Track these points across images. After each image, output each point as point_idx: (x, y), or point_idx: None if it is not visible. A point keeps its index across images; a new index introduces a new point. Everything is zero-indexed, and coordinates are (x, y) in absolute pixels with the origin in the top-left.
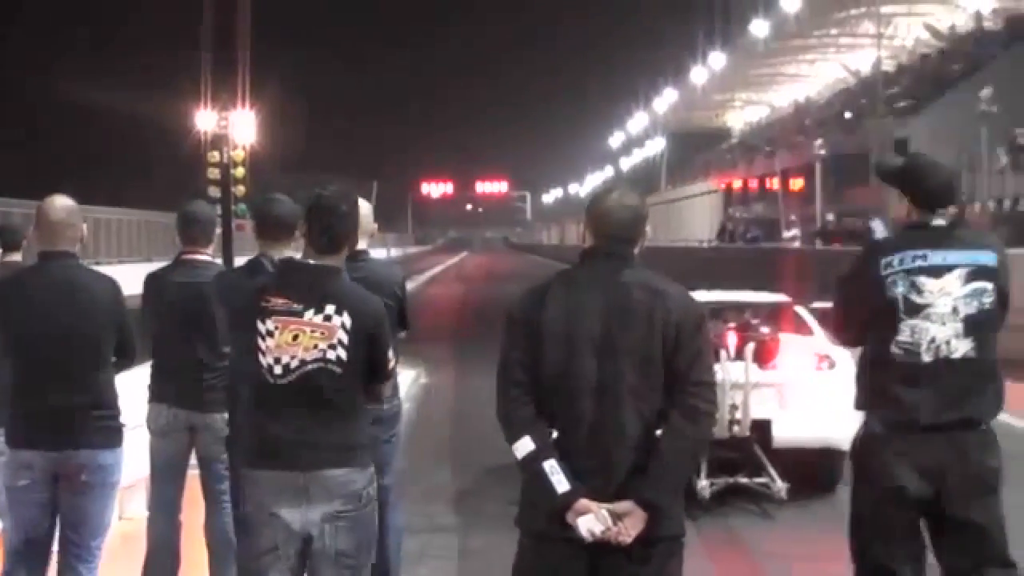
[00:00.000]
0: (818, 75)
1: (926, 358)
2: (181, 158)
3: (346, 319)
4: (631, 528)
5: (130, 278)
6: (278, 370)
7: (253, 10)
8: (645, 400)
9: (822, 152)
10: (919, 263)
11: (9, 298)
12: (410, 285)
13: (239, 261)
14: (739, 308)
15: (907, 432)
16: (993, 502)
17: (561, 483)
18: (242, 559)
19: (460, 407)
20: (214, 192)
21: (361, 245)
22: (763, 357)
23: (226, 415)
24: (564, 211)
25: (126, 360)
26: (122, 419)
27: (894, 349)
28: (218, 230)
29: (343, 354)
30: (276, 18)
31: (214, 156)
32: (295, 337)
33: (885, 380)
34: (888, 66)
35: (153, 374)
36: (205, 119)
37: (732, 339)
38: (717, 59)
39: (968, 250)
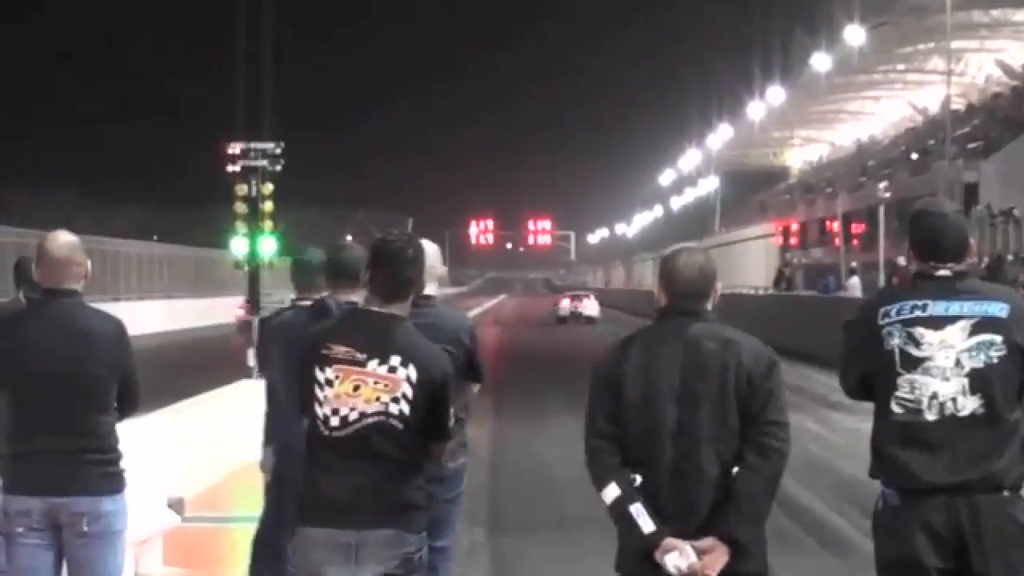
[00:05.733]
0: (883, 113)
1: (929, 416)
2: (206, 190)
3: (412, 372)
4: (715, 563)
5: (149, 315)
6: (335, 422)
7: (294, 43)
8: (722, 443)
9: (886, 195)
10: (917, 313)
11: (6, 337)
12: None
13: (266, 299)
14: None
15: (921, 498)
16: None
17: (647, 524)
18: None
19: (498, 463)
20: (241, 227)
21: (429, 290)
22: None
23: None
24: (610, 252)
25: (129, 407)
26: (123, 464)
27: (894, 407)
28: (246, 268)
29: (406, 409)
30: (313, 50)
31: (242, 189)
32: (356, 388)
33: (892, 444)
34: (958, 104)
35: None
36: (234, 151)
37: None
38: (775, 94)
39: (975, 301)
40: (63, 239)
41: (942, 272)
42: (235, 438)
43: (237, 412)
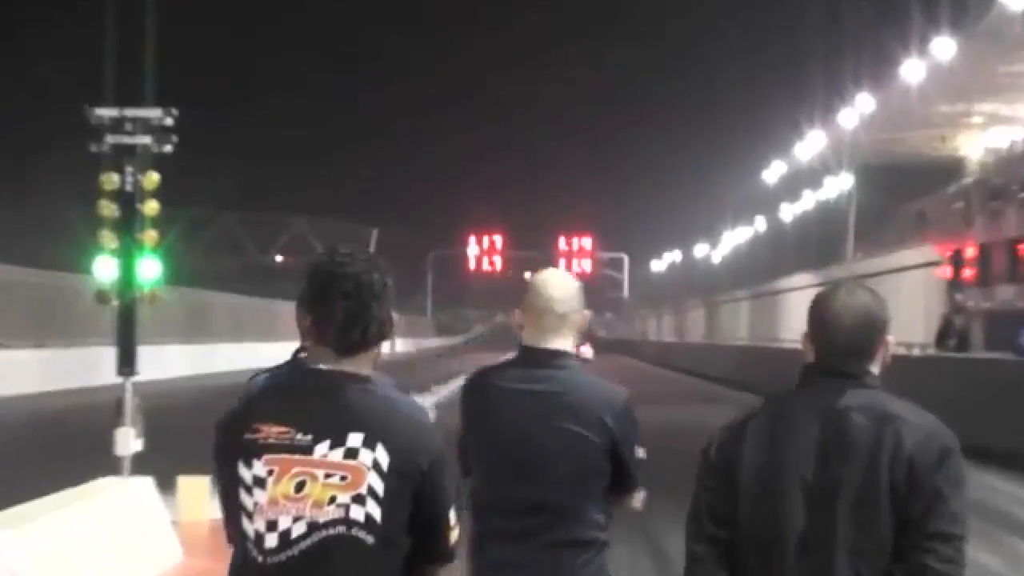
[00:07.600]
0: None
1: None
2: (62, 184)
3: (380, 455)
4: None
5: None
6: (271, 542)
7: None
8: (866, 559)
9: None
10: None
11: None
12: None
13: (146, 352)
14: None
15: None
16: None
17: None
18: None
19: None
20: (108, 240)
21: (563, 344)
22: None
23: None
24: (685, 288)
25: None
26: None
27: None
28: (115, 302)
29: (375, 512)
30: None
31: (111, 181)
32: (300, 486)
33: None
34: None
35: None
36: (100, 120)
37: None
38: (943, 47)
39: None
40: None
41: None
42: (93, 563)
43: (97, 525)
